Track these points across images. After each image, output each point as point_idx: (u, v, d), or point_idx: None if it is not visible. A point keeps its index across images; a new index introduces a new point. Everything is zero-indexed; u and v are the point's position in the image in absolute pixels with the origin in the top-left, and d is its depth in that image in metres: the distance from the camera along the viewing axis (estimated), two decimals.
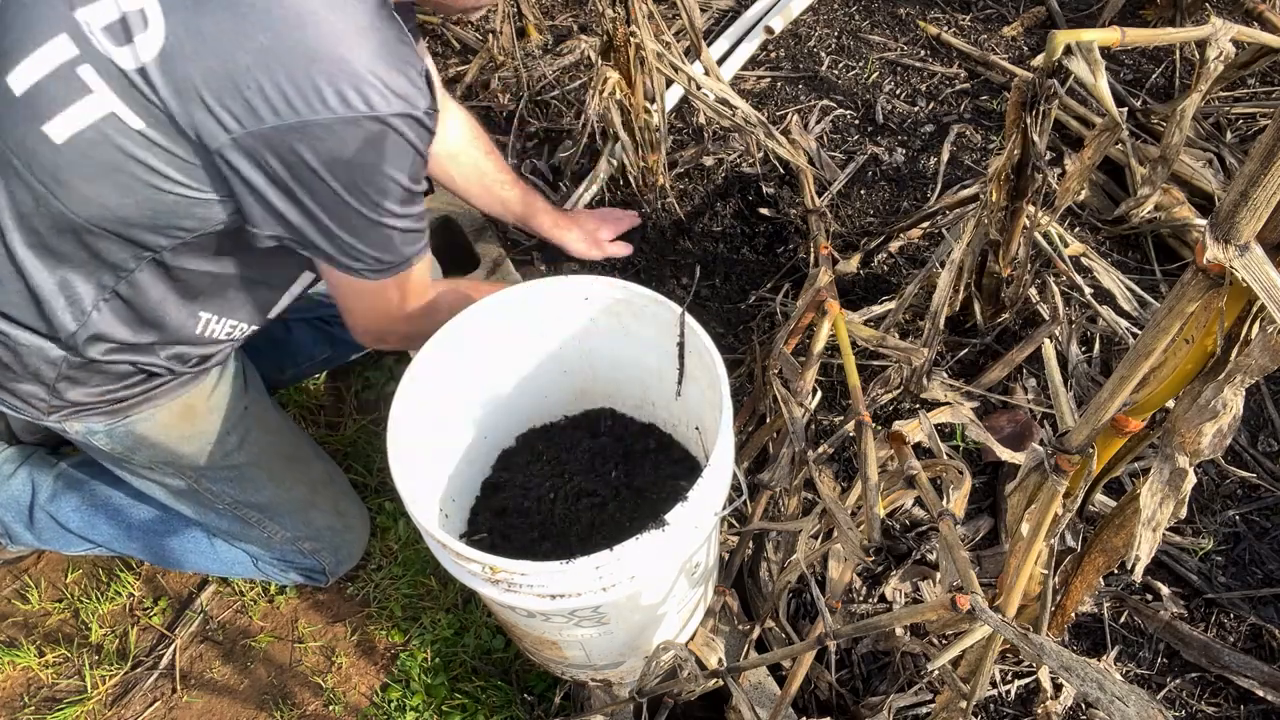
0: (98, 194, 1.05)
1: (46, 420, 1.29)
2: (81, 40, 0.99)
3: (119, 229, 1.09)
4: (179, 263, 1.16)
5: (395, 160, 1.05)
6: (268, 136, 0.99)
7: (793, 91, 2.29)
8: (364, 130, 1.00)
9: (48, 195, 1.06)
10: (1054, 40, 1.24)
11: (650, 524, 1.07)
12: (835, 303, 1.44)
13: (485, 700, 1.54)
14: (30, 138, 1.03)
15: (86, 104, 1.01)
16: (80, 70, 1.00)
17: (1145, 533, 0.91)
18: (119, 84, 0.99)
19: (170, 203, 1.07)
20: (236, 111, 0.98)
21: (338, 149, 1.00)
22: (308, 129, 0.98)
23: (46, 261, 1.12)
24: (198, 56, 0.96)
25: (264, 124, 0.98)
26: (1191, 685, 1.44)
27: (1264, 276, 0.69)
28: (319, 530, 1.59)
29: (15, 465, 1.63)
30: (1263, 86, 2.15)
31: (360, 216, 1.08)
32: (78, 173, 1.04)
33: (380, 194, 1.07)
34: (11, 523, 1.62)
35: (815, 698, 1.43)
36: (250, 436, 1.47)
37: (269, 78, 0.96)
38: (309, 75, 0.96)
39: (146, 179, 1.04)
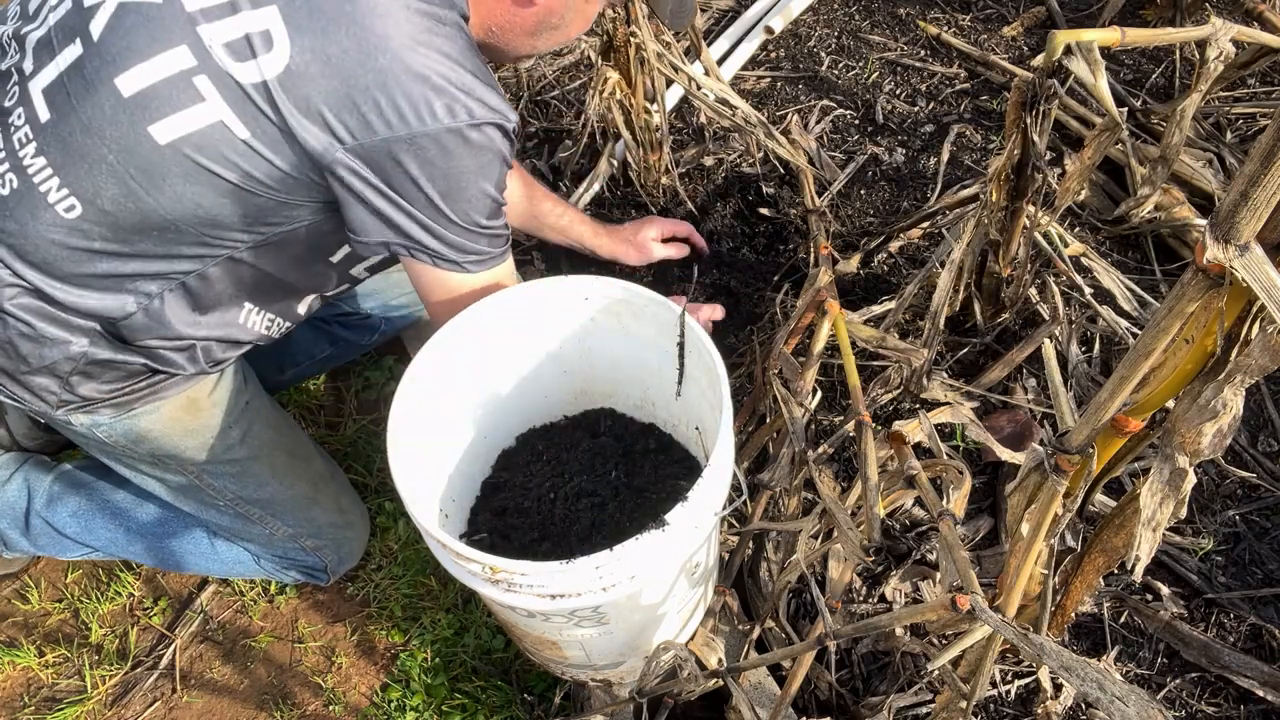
0: (193, 194, 1.12)
1: (55, 413, 1.29)
2: (201, 53, 1.07)
3: (206, 227, 1.16)
4: (249, 259, 1.23)
5: (488, 165, 1.15)
6: (379, 147, 1.08)
7: (793, 91, 2.29)
8: (465, 137, 1.10)
9: (140, 190, 1.11)
10: (1054, 40, 1.24)
11: (650, 524, 1.07)
12: (835, 303, 1.44)
13: (485, 700, 1.54)
14: (132, 136, 1.09)
15: (197, 110, 1.08)
16: (196, 80, 1.07)
17: (1145, 533, 0.91)
18: (232, 96, 1.07)
19: (259, 204, 1.15)
20: (352, 125, 1.07)
21: (440, 156, 1.10)
22: (416, 139, 1.08)
23: (122, 251, 1.17)
24: (322, 77, 1.06)
25: (376, 135, 1.07)
26: (1191, 685, 1.44)
27: (1264, 276, 0.69)
28: (321, 527, 1.59)
29: (11, 471, 1.63)
30: (1263, 86, 2.15)
31: (454, 218, 1.17)
32: (178, 172, 1.10)
33: (473, 197, 1.17)
34: (7, 529, 1.62)
35: (815, 698, 1.43)
36: (252, 431, 1.47)
37: (385, 95, 1.06)
38: (422, 91, 1.07)
39: (242, 183, 1.12)
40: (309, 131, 1.07)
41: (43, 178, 1.12)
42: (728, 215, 2.05)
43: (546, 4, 1.22)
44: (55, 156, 1.11)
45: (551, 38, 1.29)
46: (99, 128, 1.09)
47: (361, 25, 1.05)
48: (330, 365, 1.90)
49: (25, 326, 1.20)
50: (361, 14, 1.05)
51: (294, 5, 1.06)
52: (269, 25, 1.05)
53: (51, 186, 1.12)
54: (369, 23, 1.06)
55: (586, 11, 1.29)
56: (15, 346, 1.22)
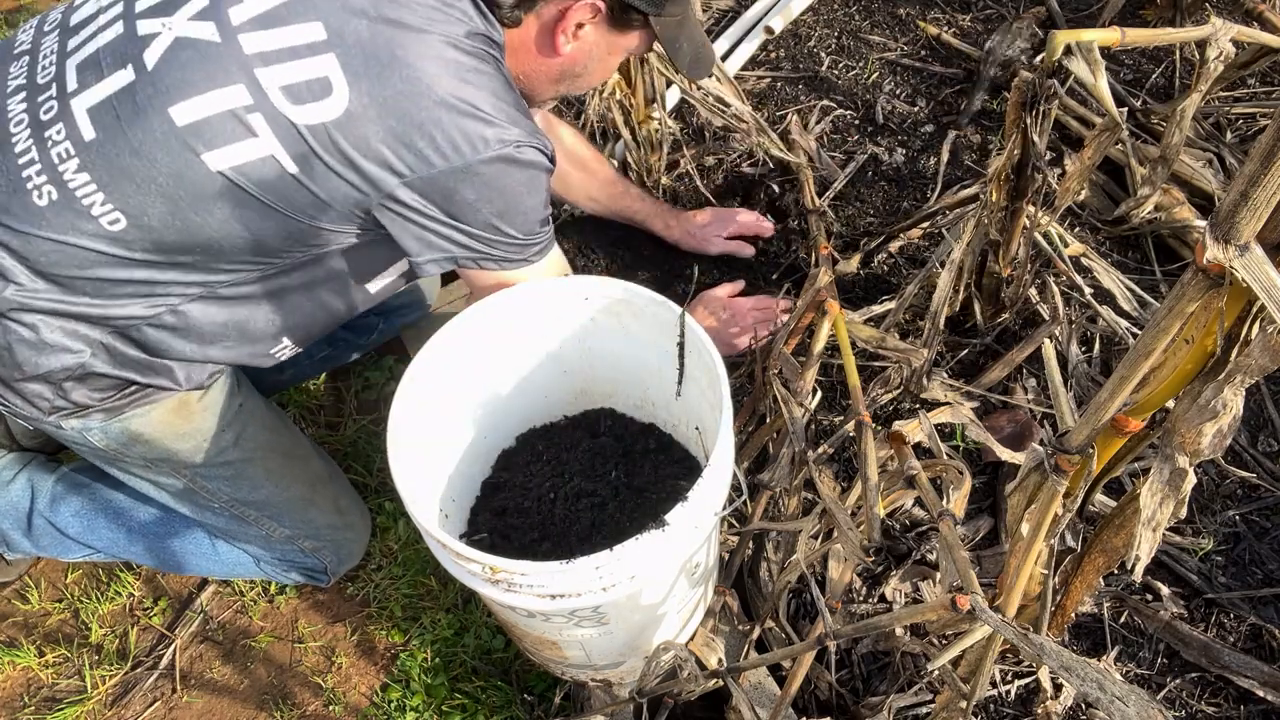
0: (239, 217, 1.18)
1: (46, 419, 1.30)
2: (258, 94, 1.12)
3: (247, 247, 1.21)
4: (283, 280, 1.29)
5: (534, 180, 1.24)
6: (437, 179, 1.16)
7: (793, 91, 2.29)
8: (514, 160, 1.19)
9: (189, 210, 1.16)
10: (1054, 40, 1.24)
11: (650, 524, 1.07)
12: (835, 303, 1.44)
13: (485, 700, 1.54)
14: (183, 163, 1.14)
15: (250, 144, 1.13)
16: (250, 117, 1.13)
17: (1145, 533, 0.91)
18: (286, 135, 1.13)
19: (305, 231, 1.21)
20: (410, 161, 1.15)
21: (494, 179, 1.19)
22: (472, 168, 1.16)
23: (160, 264, 1.21)
24: (380, 119, 1.12)
25: (435, 168, 1.15)
26: (1191, 685, 1.44)
27: (1264, 276, 0.69)
28: (319, 529, 1.59)
29: (15, 471, 1.63)
30: (1263, 86, 2.15)
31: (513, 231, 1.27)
32: (226, 197, 1.16)
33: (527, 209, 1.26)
34: (10, 530, 1.62)
35: (815, 698, 1.43)
36: (246, 433, 1.47)
37: (441, 130, 1.14)
38: (472, 125, 1.15)
39: (288, 212, 1.18)
40: (370, 170, 1.15)
41: (86, 192, 1.15)
42: None
43: (571, 55, 1.30)
44: (101, 175, 1.15)
45: (574, 85, 1.38)
46: (149, 151, 1.13)
47: (413, 68, 1.12)
48: (330, 365, 1.90)
49: (29, 332, 1.20)
50: (412, 58, 1.12)
51: (350, 53, 1.12)
52: (328, 72, 1.12)
53: (95, 201, 1.15)
54: (421, 65, 1.13)
55: (608, 63, 1.37)
56: (13, 353, 1.22)
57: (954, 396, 1.42)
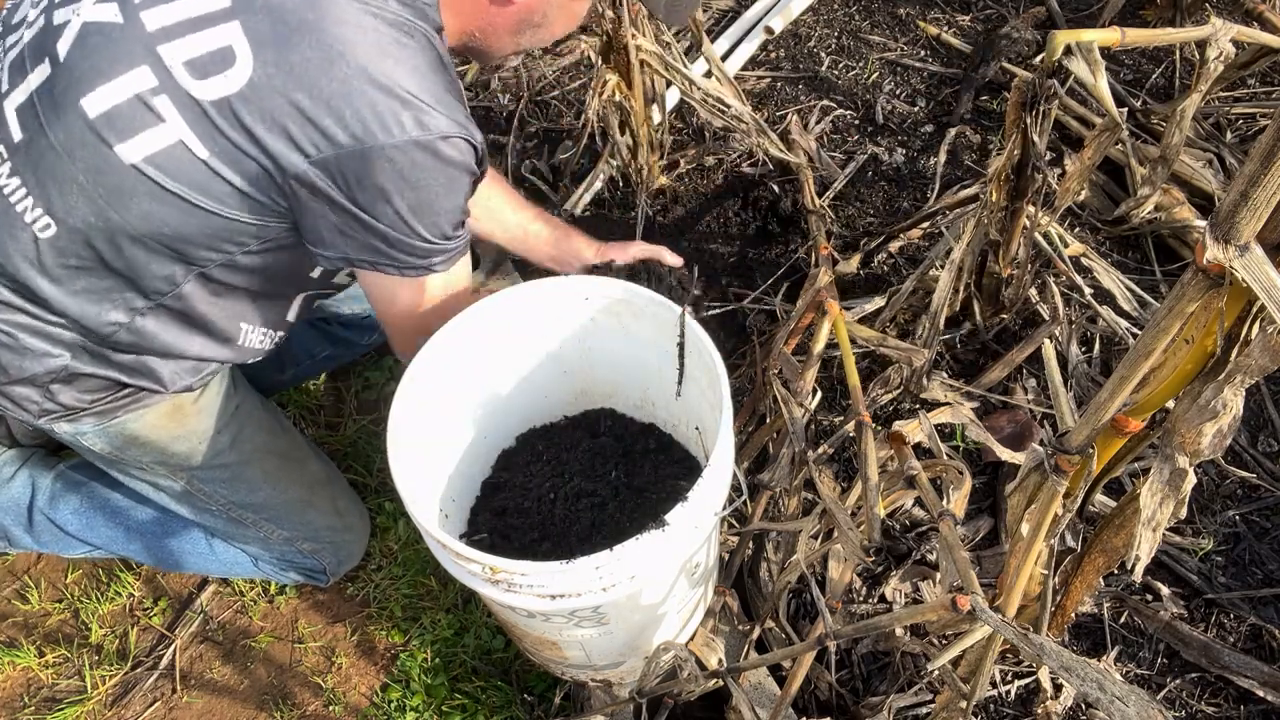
0: (159, 212, 1.11)
1: (37, 422, 1.29)
2: (163, 73, 1.06)
3: (173, 244, 1.15)
4: (224, 278, 1.22)
5: (457, 179, 1.13)
6: (344, 160, 1.06)
7: (793, 91, 2.29)
8: (435, 152, 1.08)
9: (109, 209, 1.11)
10: (1054, 40, 1.24)
11: (650, 524, 1.07)
12: (835, 303, 1.44)
13: (485, 700, 1.54)
14: (99, 157, 1.08)
15: (158, 131, 1.07)
16: (156, 100, 1.06)
17: (1145, 533, 0.91)
18: (192, 115, 1.06)
19: (225, 225, 1.13)
20: (315, 138, 1.05)
21: (409, 170, 1.08)
22: (384, 151, 1.05)
23: (97, 268, 1.17)
24: (285, 89, 1.04)
25: (341, 147, 1.05)
26: (1191, 685, 1.44)
27: (1264, 276, 0.69)
28: (317, 530, 1.59)
29: (15, 467, 1.63)
30: (1263, 86, 2.15)
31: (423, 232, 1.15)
32: (143, 192, 1.10)
33: (442, 211, 1.14)
34: (10, 526, 1.62)
35: (815, 698, 1.43)
36: (242, 435, 1.46)
37: (349, 105, 1.04)
38: (389, 103, 1.04)
39: (205, 204, 1.11)
40: (274, 146, 1.05)
41: (18, 198, 1.12)
42: (728, 215, 2.05)
43: (525, 2, 1.20)
44: (28, 177, 1.11)
45: (535, 35, 1.28)
46: (69, 149, 1.09)
47: (325, 33, 1.03)
48: (330, 365, 1.90)
49: (6, 338, 1.20)
50: (325, 22, 1.03)
51: (256, 19, 1.04)
52: (231, 41, 1.04)
53: (26, 206, 1.12)
54: (334, 31, 1.04)
55: (572, 9, 1.27)
56: None
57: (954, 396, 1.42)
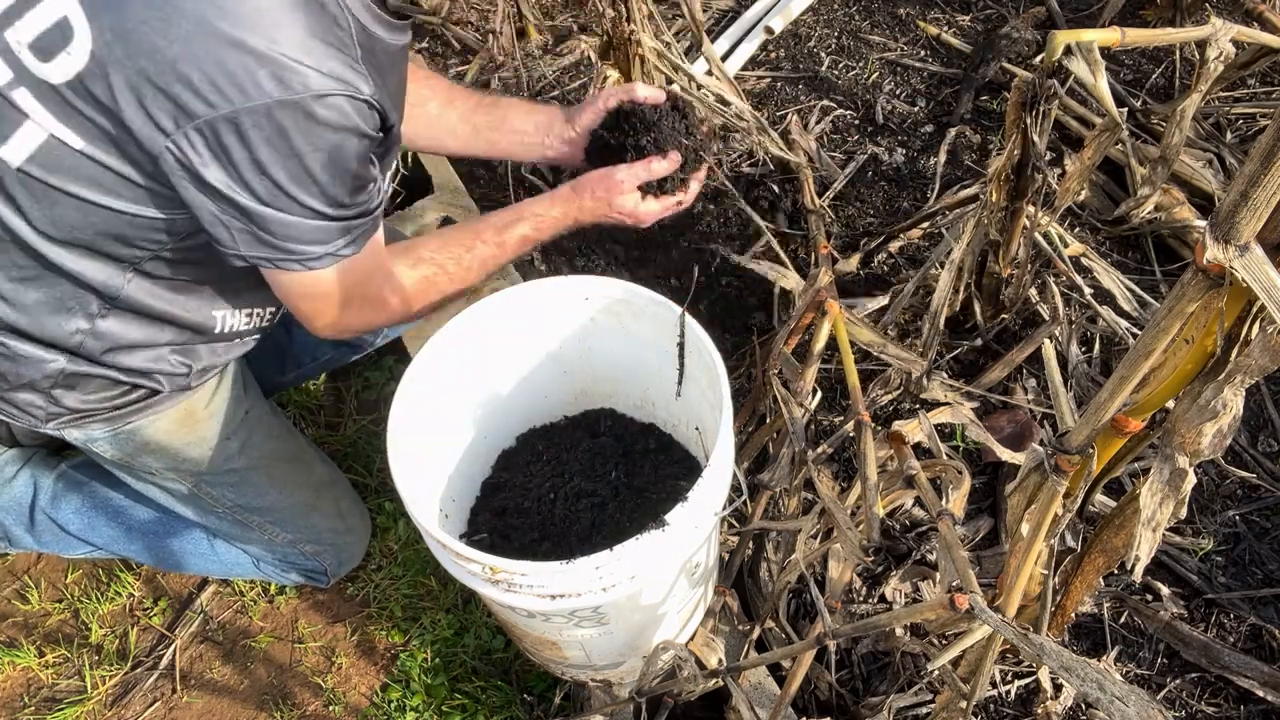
0: (62, 215, 1.05)
1: (45, 428, 1.28)
2: (14, 61, 0.98)
3: (93, 245, 1.09)
4: (165, 271, 1.16)
5: (341, 143, 1.00)
6: (204, 130, 0.94)
7: (793, 91, 2.29)
8: (305, 111, 0.95)
9: (18, 219, 1.06)
10: (1054, 40, 1.24)
11: (650, 524, 1.07)
12: (835, 303, 1.44)
13: (485, 700, 1.54)
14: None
15: (27, 130, 1.00)
16: (15, 94, 0.98)
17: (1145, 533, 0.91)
18: (54, 103, 0.98)
19: (127, 221, 1.06)
20: (170, 110, 0.94)
21: (275, 135, 0.95)
22: (241, 117, 0.93)
23: (38, 281, 1.13)
24: (128, 58, 0.93)
25: (196, 116, 0.93)
26: (1191, 685, 1.44)
27: (1264, 276, 0.69)
28: (320, 533, 1.59)
29: (17, 467, 1.63)
30: (1263, 86, 2.15)
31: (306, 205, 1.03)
32: (38, 196, 1.04)
33: (328, 180, 1.01)
34: (12, 526, 1.62)
35: (815, 698, 1.43)
36: (251, 441, 1.46)
37: (197, 67, 0.92)
38: (240, 60, 0.92)
39: (98, 199, 1.03)
40: (132, 125, 0.95)
41: None
42: (727, 216, 2.05)
43: None
44: None
45: None
46: None
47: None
48: (332, 366, 1.89)
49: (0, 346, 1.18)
50: None
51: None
52: (66, 11, 0.94)
53: None
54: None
55: None
56: None
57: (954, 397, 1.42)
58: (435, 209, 2.00)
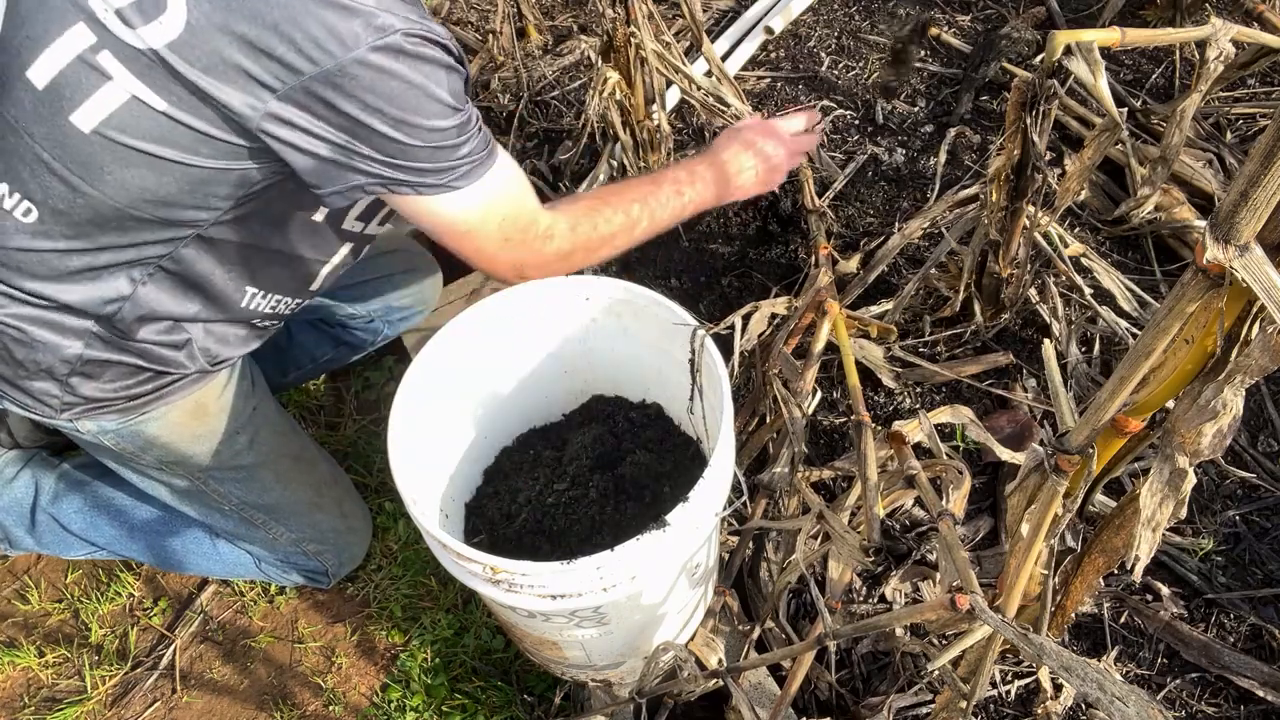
0: (134, 178, 1.07)
1: (59, 419, 1.28)
2: (98, 27, 1.01)
3: (159, 210, 1.11)
4: (222, 235, 1.18)
5: (432, 74, 1.05)
6: (309, 87, 1.00)
7: (793, 91, 2.29)
8: (397, 51, 1.01)
9: (84, 184, 1.08)
10: (1054, 40, 1.24)
11: (651, 524, 1.07)
12: (835, 303, 1.44)
13: (485, 700, 1.54)
14: (58, 130, 1.05)
15: (108, 91, 1.02)
16: (99, 58, 1.01)
17: (1145, 533, 0.91)
18: (138, 66, 1.01)
19: (205, 176, 1.08)
20: (275, 70, 0.99)
21: (377, 79, 1.01)
22: (345, 69, 0.99)
23: (89, 249, 1.14)
24: (227, 26, 0.98)
25: (303, 74, 0.99)
26: (1191, 685, 1.44)
27: (1264, 277, 0.69)
28: (323, 532, 1.59)
29: (18, 468, 1.63)
30: (1263, 86, 2.15)
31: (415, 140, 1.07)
32: (111, 159, 1.06)
33: (429, 112, 1.07)
34: (12, 527, 1.62)
35: (815, 698, 1.43)
36: (259, 437, 1.47)
37: (299, 29, 0.98)
38: (336, 17, 0.98)
39: (177, 158, 1.06)
40: (229, 90, 1.00)
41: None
42: (728, 215, 2.05)
43: None
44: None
45: None
46: (26, 126, 1.06)
47: None
48: (332, 367, 1.90)
49: (17, 332, 1.19)
50: None
51: None
52: None
53: (3, 194, 1.10)
54: None
55: None
56: (10, 352, 1.21)
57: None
58: None
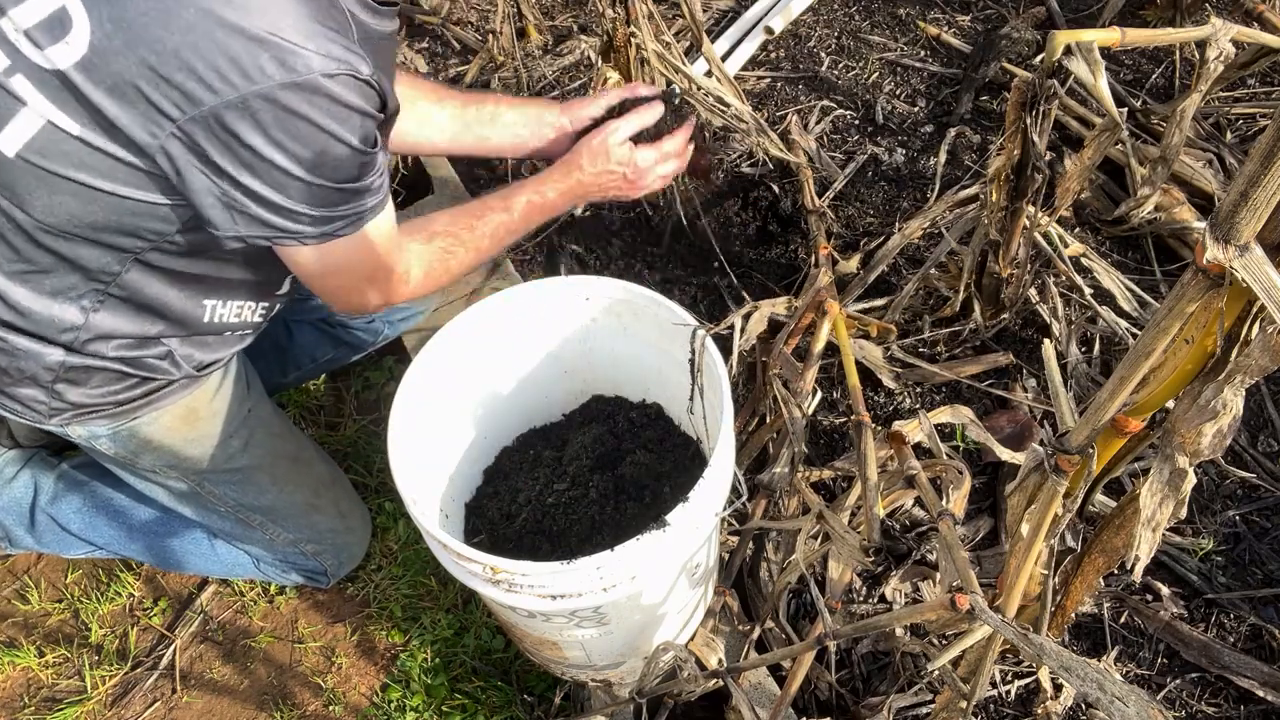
0: (61, 203, 1.05)
1: (48, 424, 1.28)
2: (10, 49, 0.99)
3: (91, 234, 1.09)
4: (165, 263, 1.16)
5: (344, 120, 1.01)
6: (209, 118, 0.96)
7: (793, 91, 2.29)
8: (308, 91, 0.96)
9: (14, 209, 1.07)
10: (1054, 40, 1.24)
11: (651, 524, 1.07)
12: (835, 303, 1.44)
13: (485, 700, 1.54)
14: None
15: (25, 116, 1.01)
16: (13, 81, 1.00)
17: (1145, 533, 0.91)
18: (50, 89, 0.99)
19: (129, 207, 1.06)
20: (174, 97, 0.95)
21: (281, 117, 0.97)
22: (249, 103, 0.95)
23: (33, 274, 1.13)
24: (128, 49, 0.95)
25: (202, 105, 0.95)
26: (1191, 685, 1.44)
27: (1264, 277, 0.69)
28: (321, 533, 1.59)
29: (17, 468, 1.63)
30: (1263, 86, 2.15)
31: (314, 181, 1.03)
32: (36, 184, 1.04)
33: (334, 160, 1.03)
34: (12, 526, 1.62)
35: (815, 698, 1.43)
36: (254, 439, 1.46)
37: (200, 56, 0.94)
38: (244, 46, 0.94)
39: (98, 184, 1.04)
40: (131, 115, 0.97)
41: None
42: (728, 216, 2.05)
43: None
44: None
45: None
46: None
47: None
48: (333, 367, 1.89)
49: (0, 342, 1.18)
50: None
51: None
52: (64, 1, 0.95)
53: None
54: None
55: None
56: None
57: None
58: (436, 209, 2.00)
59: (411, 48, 2.50)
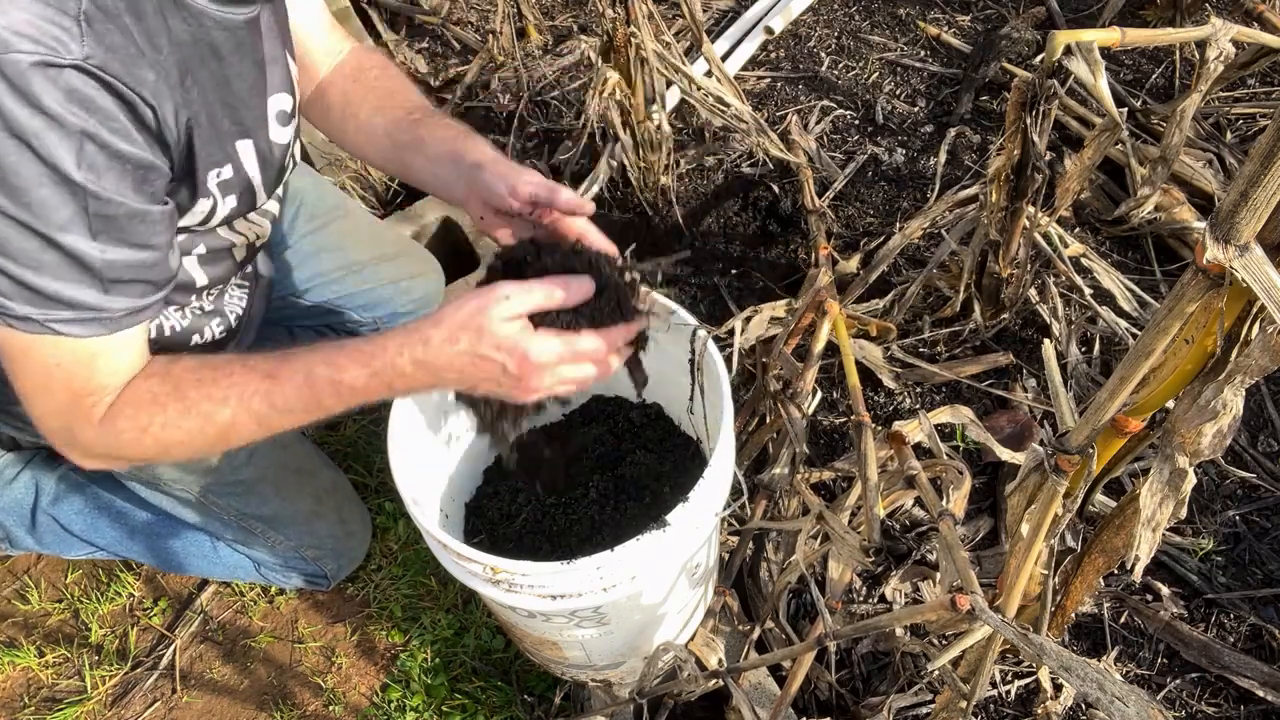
0: None
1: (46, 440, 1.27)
2: None
3: None
4: None
5: (40, 133, 0.71)
6: None
7: (793, 91, 2.29)
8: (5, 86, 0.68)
9: None
10: (1054, 40, 1.24)
11: (651, 524, 1.07)
12: (835, 303, 1.44)
13: (485, 700, 1.54)
14: None
15: None
16: None
17: (1145, 533, 0.91)
18: None
19: None
20: None
21: None
22: None
23: None
24: None
25: None
26: (1191, 685, 1.44)
27: (1264, 277, 0.69)
28: (322, 538, 1.59)
29: (18, 469, 1.63)
30: (1263, 86, 2.15)
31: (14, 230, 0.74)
32: None
33: (35, 200, 0.73)
34: (13, 527, 1.62)
35: (815, 698, 1.43)
36: (258, 451, 1.46)
37: None
38: None
39: None
40: None
41: None
42: (728, 216, 2.05)
43: None
44: None
45: None
46: None
47: None
48: None
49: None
50: None
51: None
52: None
53: None
54: None
55: None
56: None
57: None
58: (435, 209, 2.00)
59: (411, 48, 2.50)
